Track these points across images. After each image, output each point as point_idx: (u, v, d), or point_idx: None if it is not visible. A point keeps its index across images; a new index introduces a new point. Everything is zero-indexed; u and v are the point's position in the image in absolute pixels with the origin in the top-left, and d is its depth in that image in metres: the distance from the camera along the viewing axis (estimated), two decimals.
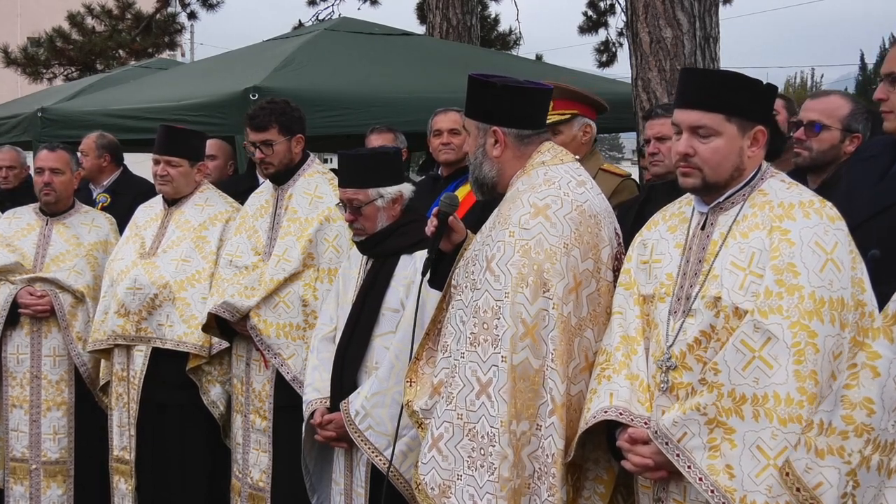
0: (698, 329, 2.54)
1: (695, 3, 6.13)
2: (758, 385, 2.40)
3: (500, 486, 2.70)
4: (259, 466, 4.16)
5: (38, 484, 4.79)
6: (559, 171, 2.93)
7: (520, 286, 2.74)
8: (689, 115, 2.60)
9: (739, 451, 2.40)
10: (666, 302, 2.65)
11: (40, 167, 4.83)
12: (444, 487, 2.78)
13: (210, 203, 4.59)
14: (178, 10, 15.18)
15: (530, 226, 2.79)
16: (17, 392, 4.78)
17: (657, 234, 2.80)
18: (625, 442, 2.61)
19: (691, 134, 2.60)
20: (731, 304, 2.50)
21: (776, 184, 2.64)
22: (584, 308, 2.83)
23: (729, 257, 2.55)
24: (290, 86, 6.11)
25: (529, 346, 2.74)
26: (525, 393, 2.74)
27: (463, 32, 9.91)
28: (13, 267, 4.79)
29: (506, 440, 2.71)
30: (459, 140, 4.83)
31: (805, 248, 2.46)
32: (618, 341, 2.71)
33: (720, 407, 2.43)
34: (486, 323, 2.77)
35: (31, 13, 27.10)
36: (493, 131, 2.98)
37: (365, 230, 3.57)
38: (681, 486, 2.57)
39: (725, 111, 2.57)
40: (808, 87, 35.51)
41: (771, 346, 2.40)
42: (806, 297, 2.41)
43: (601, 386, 2.68)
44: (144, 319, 4.38)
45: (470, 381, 2.78)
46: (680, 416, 2.48)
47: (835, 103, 3.71)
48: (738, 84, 2.59)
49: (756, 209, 2.59)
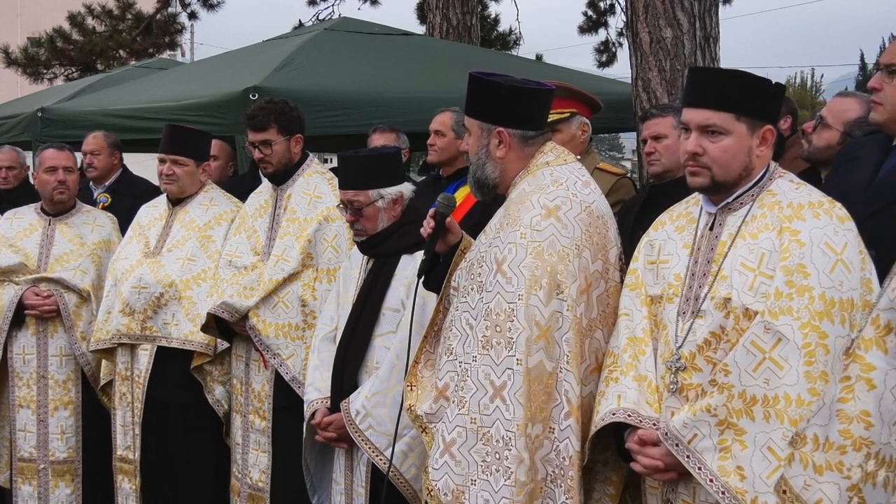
0: (708, 330, 2.54)
1: (695, 3, 6.12)
2: (768, 386, 2.39)
3: (517, 490, 2.69)
4: (258, 466, 4.16)
5: (46, 483, 4.80)
6: (564, 172, 2.94)
7: (534, 288, 2.73)
8: (698, 113, 2.59)
9: (750, 452, 2.40)
10: (674, 303, 2.65)
11: (53, 166, 4.83)
12: (457, 493, 2.77)
13: (215, 203, 4.60)
14: (179, 10, 15.18)
15: (542, 227, 2.78)
16: (24, 392, 4.78)
17: (664, 235, 2.80)
18: (634, 444, 2.60)
19: (700, 133, 2.59)
20: (741, 305, 2.49)
21: (785, 184, 2.63)
22: (594, 309, 2.83)
23: (738, 258, 2.55)
24: (290, 86, 6.10)
25: (544, 349, 2.73)
26: (539, 396, 2.73)
27: (463, 32, 9.90)
28: (17, 268, 4.79)
29: (522, 444, 2.70)
30: (442, 142, 4.83)
31: (815, 248, 2.45)
32: (625, 343, 2.71)
33: (731, 408, 2.43)
34: (499, 325, 2.75)
35: (31, 13, 27.12)
36: (497, 132, 2.97)
37: (366, 231, 3.57)
38: (690, 488, 2.57)
39: (735, 110, 2.56)
40: (808, 87, 35.50)
41: (781, 347, 2.39)
42: (816, 298, 2.41)
43: (609, 388, 2.68)
44: (150, 318, 4.38)
45: (483, 385, 2.76)
46: (690, 417, 2.48)
47: (846, 105, 3.69)
48: (748, 83, 2.58)
49: (765, 210, 2.58)
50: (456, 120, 4.78)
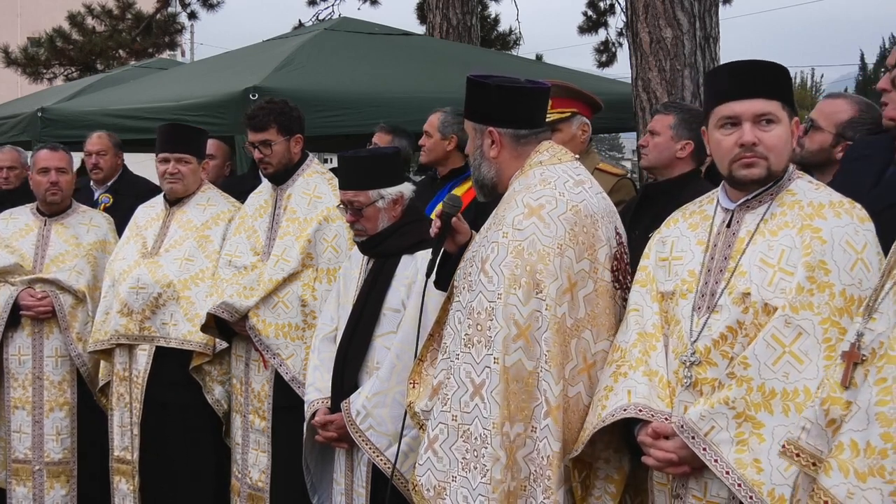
0: (725, 325, 2.54)
1: (695, 3, 6.12)
2: (788, 380, 2.40)
3: (493, 488, 2.70)
4: (258, 467, 4.16)
5: (41, 485, 4.79)
6: (556, 171, 2.92)
7: (512, 287, 2.73)
8: (750, 104, 2.57)
9: (768, 445, 2.39)
10: (688, 298, 2.64)
11: (45, 167, 4.82)
12: (439, 489, 2.78)
13: (212, 202, 4.59)
14: (179, 10, 15.19)
15: (523, 226, 2.78)
16: (19, 393, 4.77)
17: (677, 232, 2.80)
18: (647, 437, 2.59)
19: (754, 123, 2.57)
20: (760, 299, 2.50)
21: (804, 184, 2.65)
22: (580, 309, 2.81)
23: (758, 254, 2.55)
24: (290, 86, 6.10)
25: (522, 348, 2.73)
26: (519, 395, 2.73)
27: (463, 32, 9.90)
28: (13, 268, 4.78)
29: (498, 442, 2.70)
30: (430, 143, 4.83)
31: (836, 246, 2.47)
32: (634, 338, 2.70)
33: (749, 401, 2.42)
34: (480, 324, 2.76)
35: (31, 13, 27.13)
36: (488, 132, 2.97)
37: (366, 231, 3.57)
38: (701, 483, 2.57)
39: (781, 98, 2.58)
40: (808, 87, 35.53)
41: (802, 341, 2.40)
42: (837, 294, 2.43)
43: (618, 383, 2.66)
44: (148, 318, 4.38)
45: (464, 383, 2.77)
46: (708, 409, 2.47)
47: (837, 107, 3.68)
48: (783, 73, 2.61)
49: (785, 208, 2.59)
50: (442, 121, 4.78)
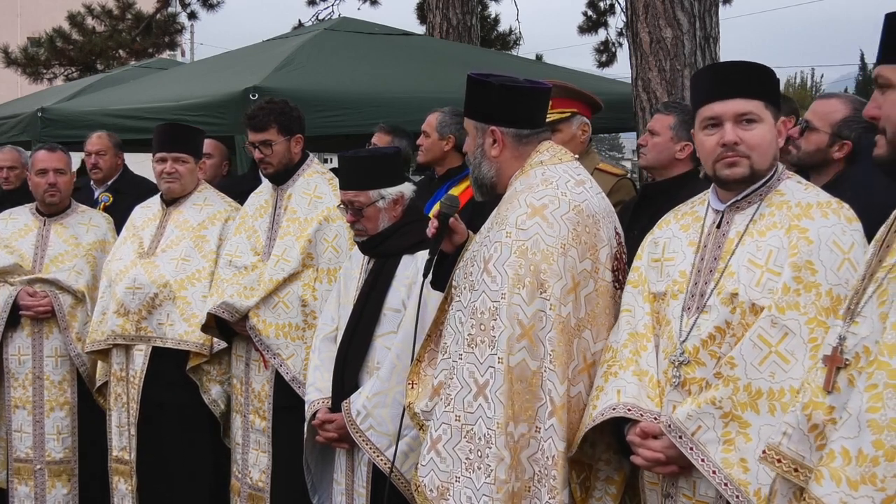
0: (713, 325, 2.55)
1: (695, 3, 6.12)
2: (774, 380, 2.41)
3: (497, 488, 2.70)
4: (258, 467, 4.15)
5: (42, 484, 4.79)
6: (557, 171, 2.93)
7: (516, 287, 2.74)
8: (731, 104, 2.59)
9: (755, 444, 2.40)
10: (679, 299, 2.66)
11: (43, 168, 4.81)
12: (442, 489, 2.78)
13: (209, 202, 4.59)
14: (178, 10, 15.19)
15: (527, 226, 2.78)
16: (19, 393, 4.77)
17: (669, 233, 2.81)
18: (636, 436, 2.60)
19: (735, 123, 2.59)
20: (747, 300, 2.51)
21: (793, 185, 2.66)
22: (582, 309, 2.82)
23: (746, 255, 2.56)
24: (290, 86, 6.10)
25: (526, 348, 2.73)
26: (523, 395, 2.73)
27: (463, 32, 9.90)
28: (12, 268, 4.78)
29: (502, 442, 2.70)
30: (428, 143, 4.84)
31: (823, 246, 2.48)
32: (625, 338, 2.71)
33: (735, 401, 2.43)
34: (483, 324, 2.76)
35: (31, 13, 27.13)
36: (490, 131, 2.97)
37: (366, 231, 3.57)
38: (690, 482, 2.58)
39: (763, 98, 2.59)
40: (808, 87, 35.53)
41: (788, 341, 2.41)
42: (823, 294, 2.43)
43: (608, 383, 2.67)
44: (144, 319, 4.38)
45: (467, 383, 2.77)
46: (695, 409, 2.48)
47: (831, 107, 3.67)
48: (766, 72, 2.63)
49: (773, 209, 2.60)
50: (440, 121, 4.78)
